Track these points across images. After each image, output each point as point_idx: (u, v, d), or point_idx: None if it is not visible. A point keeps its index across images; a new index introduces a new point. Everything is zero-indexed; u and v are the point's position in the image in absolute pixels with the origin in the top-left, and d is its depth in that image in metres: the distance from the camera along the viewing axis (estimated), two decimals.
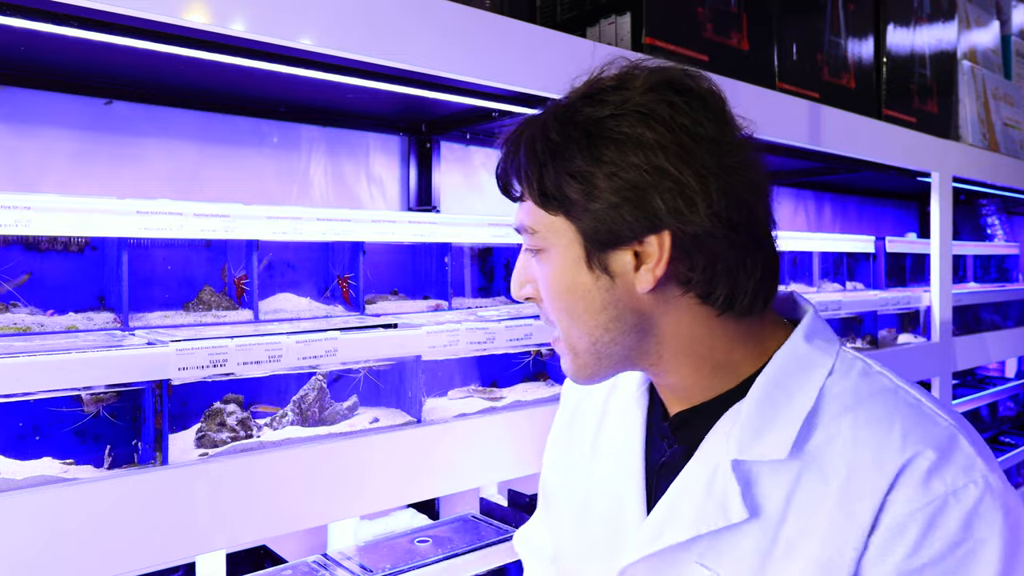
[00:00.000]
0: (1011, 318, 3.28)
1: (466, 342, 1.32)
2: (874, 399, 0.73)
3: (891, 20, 2.33)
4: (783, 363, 0.76)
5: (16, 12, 0.97)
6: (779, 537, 0.71)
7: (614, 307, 0.76)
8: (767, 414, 0.73)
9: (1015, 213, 4.11)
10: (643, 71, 0.75)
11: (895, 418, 0.70)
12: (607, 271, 0.75)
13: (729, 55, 1.79)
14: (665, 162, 0.70)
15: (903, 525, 0.65)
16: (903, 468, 0.66)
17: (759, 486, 0.73)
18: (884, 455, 0.68)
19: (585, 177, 0.72)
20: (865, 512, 0.67)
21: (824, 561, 0.68)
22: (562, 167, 0.73)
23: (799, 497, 0.71)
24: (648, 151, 0.70)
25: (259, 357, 1.11)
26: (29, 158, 1.39)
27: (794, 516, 0.71)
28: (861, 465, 0.68)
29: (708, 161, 0.71)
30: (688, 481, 0.79)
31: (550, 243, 0.78)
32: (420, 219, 1.58)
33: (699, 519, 0.75)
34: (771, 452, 0.72)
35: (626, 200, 0.71)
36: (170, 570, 1.29)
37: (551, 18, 1.78)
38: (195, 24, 0.99)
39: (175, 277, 1.36)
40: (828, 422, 0.72)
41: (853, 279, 2.93)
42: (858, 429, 0.70)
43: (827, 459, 0.70)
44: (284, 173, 1.70)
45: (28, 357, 0.92)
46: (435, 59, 1.22)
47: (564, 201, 0.74)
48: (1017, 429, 3.60)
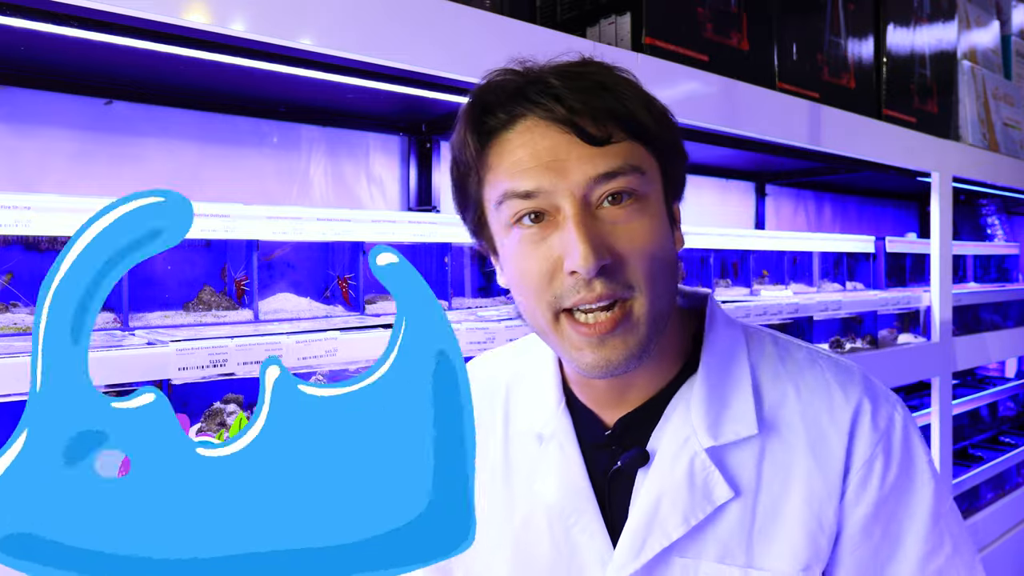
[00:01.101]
0: (1011, 318, 3.28)
1: (466, 342, 1.32)
2: (800, 364, 0.79)
3: (891, 20, 2.33)
4: (714, 346, 0.79)
5: (16, 12, 0.97)
6: (759, 506, 0.75)
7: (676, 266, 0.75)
8: (720, 395, 0.77)
9: (1015, 213, 4.11)
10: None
11: (827, 376, 0.78)
12: (673, 225, 0.76)
13: (729, 55, 1.79)
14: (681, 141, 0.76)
15: (869, 463, 0.75)
16: (854, 416, 0.76)
17: (731, 465, 0.76)
18: (835, 410, 0.76)
19: (670, 120, 0.75)
20: (836, 461, 0.75)
21: (810, 513, 0.74)
22: (655, 104, 0.74)
23: (768, 464, 0.76)
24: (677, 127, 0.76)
25: (259, 357, 1.11)
26: (29, 158, 1.39)
27: (768, 482, 0.75)
28: (818, 421, 0.76)
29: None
30: (663, 479, 0.75)
31: (651, 187, 0.70)
32: (420, 219, 1.58)
33: (687, 513, 0.74)
34: (741, 430, 0.76)
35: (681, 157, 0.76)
36: None
37: (551, 18, 1.78)
38: (195, 24, 0.99)
39: (175, 277, 1.36)
40: (769, 391, 0.78)
41: (853, 279, 2.93)
42: (802, 392, 0.77)
43: (784, 424, 0.76)
44: (284, 173, 1.70)
45: (28, 357, 0.92)
46: (435, 59, 1.22)
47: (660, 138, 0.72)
48: (1017, 429, 3.60)
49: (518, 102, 0.70)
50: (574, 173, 0.68)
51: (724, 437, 0.76)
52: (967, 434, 3.27)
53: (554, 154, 0.68)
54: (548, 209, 0.69)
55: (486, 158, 0.72)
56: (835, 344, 2.33)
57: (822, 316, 2.18)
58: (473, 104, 0.73)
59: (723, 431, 0.76)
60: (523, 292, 0.73)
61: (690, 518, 0.75)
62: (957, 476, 2.72)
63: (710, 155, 2.40)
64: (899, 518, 0.76)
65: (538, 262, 0.69)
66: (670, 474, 0.75)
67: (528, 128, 0.70)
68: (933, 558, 0.76)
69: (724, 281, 2.42)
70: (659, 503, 0.75)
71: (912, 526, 0.76)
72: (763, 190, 3.03)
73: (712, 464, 0.75)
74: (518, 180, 0.69)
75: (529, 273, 0.70)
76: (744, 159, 2.55)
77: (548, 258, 0.69)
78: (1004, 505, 2.96)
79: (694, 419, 0.76)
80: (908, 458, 0.77)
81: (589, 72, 0.71)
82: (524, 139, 0.70)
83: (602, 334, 0.68)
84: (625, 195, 0.69)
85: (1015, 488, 3.12)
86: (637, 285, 0.68)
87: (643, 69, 1.58)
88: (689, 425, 0.76)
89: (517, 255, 0.71)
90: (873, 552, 0.76)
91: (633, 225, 0.69)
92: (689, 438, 0.76)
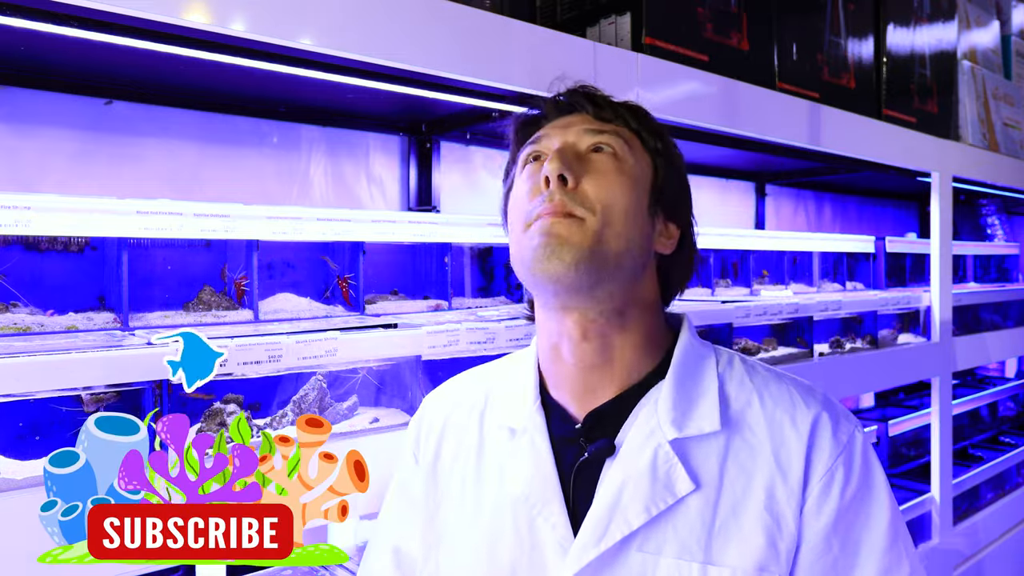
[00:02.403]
0: (1011, 318, 3.28)
1: (466, 342, 1.32)
2: (766, 378, 0.85)
3: (891, 20, 2.33)
4: (684, 354, 0.85)
5: (16, 12, 0.97)
6: (720, 503, 0.78)
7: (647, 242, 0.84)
8: (687, 395, 0.82)
9: (1015, 213, 4.11)
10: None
11: (791, 389, 0.84)
12: (653, 220, 0.85)
13: (729, 55, 1.79)
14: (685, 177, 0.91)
15: (830, 474, 0.78)
16: (813, 425, 0.80)
17: (694, 459, 0.79)
18: (796, 416, 0.81)
19: (672, 148, 0.88)
20: (796, 467, 0.78)
21: (769, 514, 0.77)
22: (659, 127, 0.88)
23: (731, 462, 0.79)
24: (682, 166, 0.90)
25: (259, 357, 1.11)
26: (29, 158, 1.39)
27: (730, 480, 0.79)
28: (781, 425, 0.80)
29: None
30: (627, 469, 0.78)
31: (635, 161, 0.83)
32: (420, 219, 1.58)
33: (648, 502, 0.77)
34: (705, 426, 0.80)
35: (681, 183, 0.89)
36: (170, 570, 1.29)
37: (551, 18, 1.78)
38: (195, 24, 0.99)
39: (175, 277, 1.36)
40: (736, 396, 0.83)
41: (853, 279, 2.93)
42: (766, 399, 0.82)
43: (747, 427, 0.81)
44: (284, 173, 1.70)
45: (28, 357, 0.92)
46: (435, 59, 1.22)
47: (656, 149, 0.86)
48: (1017, 429, 3.60)
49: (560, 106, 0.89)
50: (573, 127, 0.84)
51: (688, 431, 0.80)
52: (967, 434, 3.27)
53: (567, 123, 0.86)
54: (546, 152, 0.84)
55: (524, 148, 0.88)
56: (835, 344, 2.33)
57: (822, 316, 2.18)
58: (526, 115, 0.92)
59: (687, 426, 0.80)
60: (512, 213, 0.85)
61: (651, 507, 0.77)
62: (957, 476, 2.72)
63: (710, 155, 2.40)
64: (857, 531, 0.78)
65: (526, 188, 0.82)
66: (634, 464, 0.79)
67: (560, 119, 0.87)
68: (892, 574, 0.78)
69: (724, 281, 2.42)
70: (622, 492, 0.78)
71: (870, 541, 0.78)
72: (763, 190, 3.03)
73: (675, 456, 0.79)
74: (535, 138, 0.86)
75: (519, 196, 0.83)
76: (744, 159, 2.55)
77: (534, 183, 0.82)
78: (1004, 505, 2.96)
79: (660, 414, 0.81)
80: (867, 474, 0.80)
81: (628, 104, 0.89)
82: (553, 123, 0.87)
83: (552, 220, 0.78)
84: (606, 149, 0.82)
85: (1015, 488, 3.13)
86: (591, 208, 0.78)
87: (643, 69, 1.58)
88: (655, 419, 0.81)
89: (515, 188, 0.85)
90: (832, 565, 0.77)
91: (605, 169, 0.81)
92: (654, 431, 0.80)
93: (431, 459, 0.92)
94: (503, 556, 0.82)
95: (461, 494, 0.88)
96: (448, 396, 0.96)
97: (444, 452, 0.92)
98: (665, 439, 0.79)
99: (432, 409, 0.96)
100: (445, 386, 0.99)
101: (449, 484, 0.90)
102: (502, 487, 0.85)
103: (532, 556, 0.81)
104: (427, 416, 0.96)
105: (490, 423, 0.90)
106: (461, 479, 0.89)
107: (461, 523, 0.87)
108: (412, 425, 0.98)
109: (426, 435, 0.94)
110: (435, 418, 0.94)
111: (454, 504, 0.88)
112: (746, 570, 0.76)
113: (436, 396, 0.98)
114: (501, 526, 0.83)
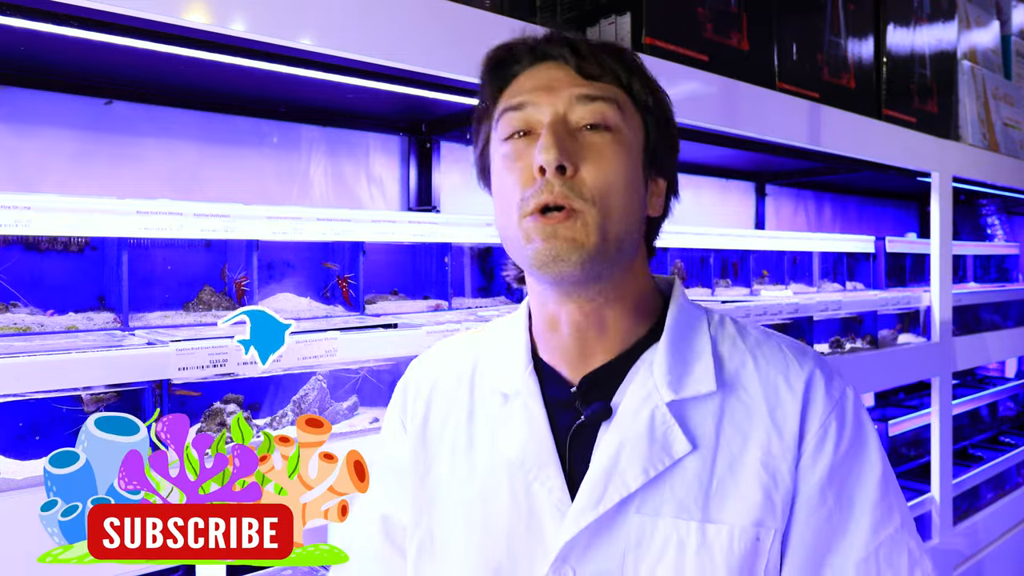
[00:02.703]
0: (1011, 318, 3.28)
1: None
2: (758, 338, 0.86)
3: (891, 20, 2.33)
4: (678, 317, 0.85)
5: (16, 12, 0.97)
6: (717, 462, 0.79)
7: (642, 214, 0.83)
8: (683, 358, 0.82)
9: (1015, 213, 4.11)
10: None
11: (783, 349, 0.84)
12: (646, 183, 0.84)
13: (729, 55, 1.79)
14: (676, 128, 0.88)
15: (824, 429, 0.80)
16: (808, 383, 0.81)
17: (691, 420, 0.80)
18: (790, 375, 0.82)
19: (662, 99, 0.85)
20: (792, 423, 0.79)
21: (765, 471, 0.78)
22: (649, 79, 0.84)
23: (727, 422, 0.80)
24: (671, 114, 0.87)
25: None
26: (29, 158, 1.39)
27: (727, 440, 0.79)
28: (775, 386, 0.81)
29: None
30: (624, 432, 0.79)
31: (629, 128, 0.80)
32: (420, 219, 1.58)
33: (646, 464, 0.77)
34: (701, 388, 0.81)
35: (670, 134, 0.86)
36: (170, 570, 1.29)
37: (551, 18, 1.78)
38: (195, 24, 0.99)
39: (175, 277, 1.36)
40: (729, 357, 0.84)
41: (853, 279, 2.93)
42: (759, 359, 0.83)
43: (743, 385, 0.81)
44: (284, 173, 1.70)
45: (28, 357, 0.92)
46: (435, 59, 1.22)
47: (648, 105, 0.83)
48: (1017, 429, 3.60)
49: (535, 52, 0.82)
50: (560, 92, 0.78)
51: (684, 392, 0.80)
52: (967, 434, 3.27)
53: (550, 80, 0.80)
54: (535, 126, 0.79)
55: (500, 97, 0.83)
56: (835, 344, 2.33)
57: (822, 316, 2.18)
58: (496, 52, 0.85)
59: (684, 388, 0.80)
60: (500, 196, 0.81)
61: (649, 469, 0.77)
62: (957, 476, 2.72)
63: (710, 155, 2.40)
64: (851, 485, 0.80)
65: (518, 169, 0.78)
66: (631, 426, 0.79)
67: (538, 69, 0.82)
68: (884, 527, 0.79)
69: (724, 281, 2.42)
70: (619, 454, 0.78)
71: (863, 494, 0.80)
72: (763, 190, 3.03)
73: (672, 418, 0.79)
74: (515, 97, 0.80)
75: (507, 178, 0.79)
76: (744, 159, 2.55)
77: (525, 165, 0.78)
78: (1004, 505, 2.96)
79: (656, 377, 0.81)
80: (860, 429, 0.81)
81: (607, 43, 0.84)
82: (531, 73, 0.82)
83: (554, 224, 0.75)
84: (602, 126, 0.78)
85: (1015, 488, 3.13)
86: (592, 199, 0.76)
87: None
88: (651, 382, 0.81)
89: (503, 166, 0.80)
90: (827, 517, 0.79)
91: (603, 150, 0.77)
92: (651, 393, 0.80)
93: (419, 424, 0.91)
94: (498, 521, 0.82)
95: (452, 459, 0.87)
96: (435, 361, 0.95)
97: (432, 417, 0.90)
98: (662, 401, 0.79)
99: (419, 374, 0.94)
100: (431, 352, 0.97)
101: (439, 449, 0.89)
102: (494, 452, 0.84)
103: (529, 521, 0.80)
104: (413, 381, 0.94)
105: (481, 388, 0.89)
106: (452, 444, 0.88)
107: (452, 486, 0.86)
108: (398, 391, 0.96)
109: (413, 399, 0.93)
110: (422, 383, 0.93)
111: (445, 468, 0.87)
112: (743, 527, 0.76)
113: (422, 362, 0.96)
114: (495, 491, 0.83)
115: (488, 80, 0.85)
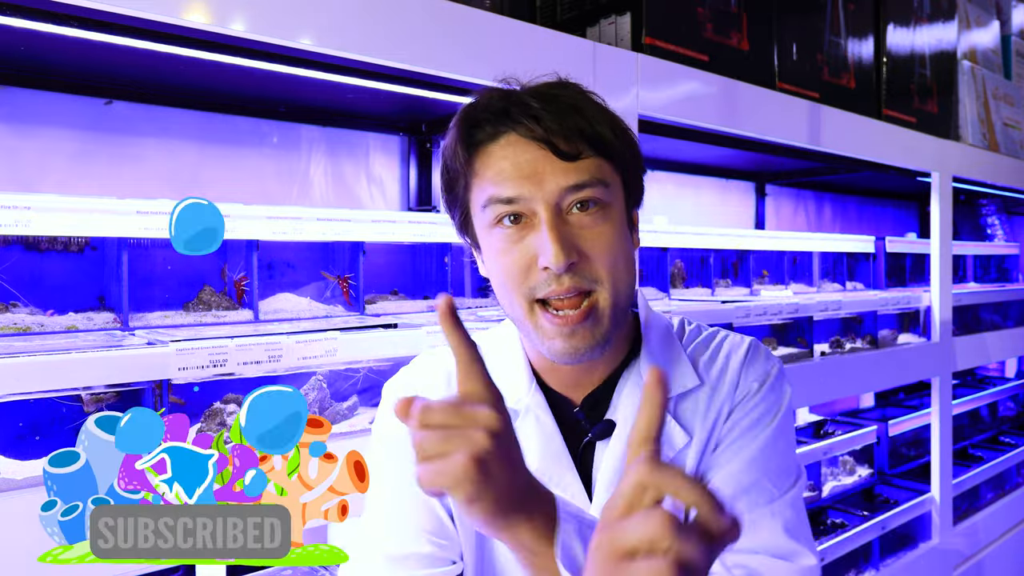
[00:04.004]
0: (1011, 318, 3.28)
1: None
2: (711, 332, 0.97)
3: (891, 20, 2.33)
4: (652, 329, 0.93)
5: (16, 12, 0.97)
6: (707, 446, 0.87)
7: (634, 256, 0.87)
8: (664, 361, 0.90)
9: (1015, 213, 4.11)
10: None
11: (729, 335, 0.96)
12: (632, 229, 0.88)
13: (729, 55, 1.79)
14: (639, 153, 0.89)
15: (750, 388, 0.90)
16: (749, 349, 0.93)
17: (682, 415, 0.88)
18: (739, 350, 0.92)
19: (631, 138, 0.86)
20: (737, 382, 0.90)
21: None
22: (619, 124, 0.85)
23: (706, 409, 0.88)
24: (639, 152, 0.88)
25: (259, 357, 1.11)
26: (29, 158, 1.39)
27: (708, 424, 0.88)
28: (731, 365, 0.91)
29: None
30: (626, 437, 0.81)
31: (613, 196, 0.83)
32: (420, 219, 1.58)
33: None
34: (687, 383, 0.89)
35: (640, 170, 0.88)
36: (170, 570, 1.29)
37: (551, 18, 1.78)
38: (195, 24, 0.99)
39: (175, 277, 1.36)
40: (697, 356, 0.93)
41: (853, 279, 2.93)
42: (718, 348, 0.93)
43: (709, 374, 0.91)
44: (284, 173, 1.70)
45: (28, 357, 0.92)
46: (435, 59, 1.22)
47: (622, 155, 0.84)
48: (1017, 429, 3.60)
49: (503, 120, 0.81)
50: (549, 183, 0.79)
51: (674, 390, 0.87)
52: (967, 434, 3.27)
53: (532, 167, 0.79)
54: (526, 213, 0.80)
55: (473, 166, 0.82)
56: (835, 344, 2.33)
57: (822, 316, 2.18)
58: (463, 119, 0.84)
59: (672, 386, 0.87)
60: (503, 283, 0.83)
61: None
62: (957, 476, 2.72)
63: (710, 155, 2.40)
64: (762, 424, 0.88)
65: (516, 258, 0.80)
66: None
67: (511, 143, 0.81)
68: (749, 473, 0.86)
69: (724, 281, 2.42)
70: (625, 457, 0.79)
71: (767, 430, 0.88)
72: (763, 190, 3.03)
73: (668, 415, 0.83)
74: (501, 187, 0.80)
75: (509, 267, 0.81)
76: (744, 159, 2.55)
77: (525, 255, 0.80)
78: (1004, 505, 2.96)
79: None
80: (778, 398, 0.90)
81: (564, 95, 0.83)
82: (507, 152, 0.80)
83: (572, 325, 0.80)
84: (591, 203, 0.80)
85: (1015, 488, 3.13)
86: (600, 280, 0.80)
87: (643, 69, 1.58)
88: (641, 388, 0.84)
89: (499, 251, 0.82)
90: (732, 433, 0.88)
91: (598, 229, 0.80)
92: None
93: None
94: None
95: None
96: (427, 370, 0.94)
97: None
98: None
99: (416, 380, 0.93)
100: (419, 362, 0.95)
101: None
102: None
103: None
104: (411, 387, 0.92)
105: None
106: None
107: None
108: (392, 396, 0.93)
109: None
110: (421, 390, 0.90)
111: None
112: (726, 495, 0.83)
113: (413, 370, 0.95)
114: None
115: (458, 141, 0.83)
